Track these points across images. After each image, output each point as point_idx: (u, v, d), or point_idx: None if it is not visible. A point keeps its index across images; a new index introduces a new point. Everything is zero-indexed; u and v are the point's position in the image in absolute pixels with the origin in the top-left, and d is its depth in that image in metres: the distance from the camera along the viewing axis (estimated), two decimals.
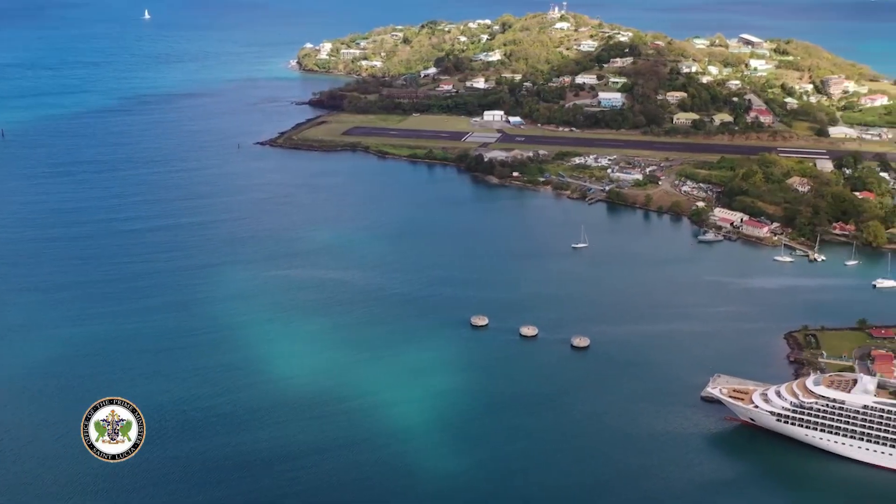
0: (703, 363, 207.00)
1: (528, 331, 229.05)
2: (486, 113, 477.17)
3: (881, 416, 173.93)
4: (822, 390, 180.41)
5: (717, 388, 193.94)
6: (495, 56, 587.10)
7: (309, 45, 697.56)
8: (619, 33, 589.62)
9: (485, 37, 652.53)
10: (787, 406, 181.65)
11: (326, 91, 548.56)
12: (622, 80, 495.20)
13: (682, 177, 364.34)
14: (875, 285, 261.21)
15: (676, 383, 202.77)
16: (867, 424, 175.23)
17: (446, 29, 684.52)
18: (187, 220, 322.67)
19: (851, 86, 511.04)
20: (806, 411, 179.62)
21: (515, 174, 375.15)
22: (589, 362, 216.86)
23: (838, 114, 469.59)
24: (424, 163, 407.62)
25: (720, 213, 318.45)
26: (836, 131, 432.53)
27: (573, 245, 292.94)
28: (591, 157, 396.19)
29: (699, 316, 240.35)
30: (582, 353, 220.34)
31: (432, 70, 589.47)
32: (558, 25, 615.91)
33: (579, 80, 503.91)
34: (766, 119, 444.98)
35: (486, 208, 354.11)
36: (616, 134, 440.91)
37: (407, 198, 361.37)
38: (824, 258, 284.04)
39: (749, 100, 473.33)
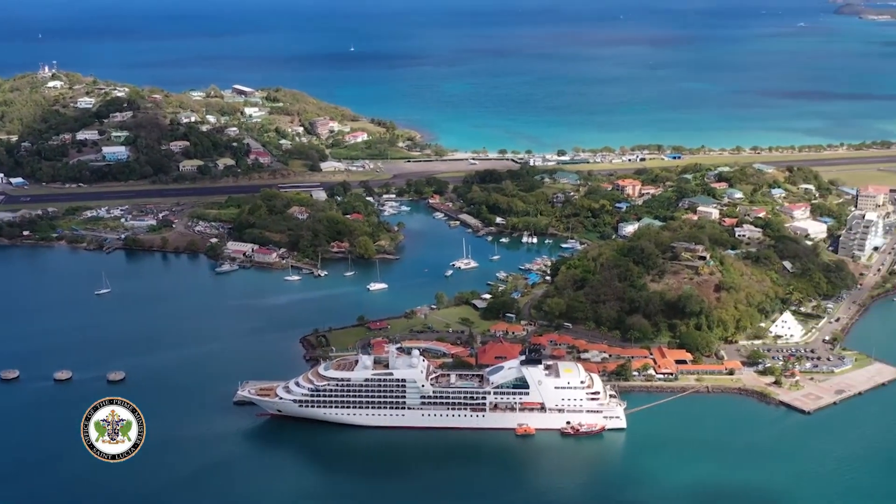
0: (233, 374, 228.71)
1: (63, 375, 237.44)
2: None
3: (379, 384, 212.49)
4: (331, 373, 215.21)
5: (247, 390, 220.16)
6: None
7: None
8: (115, 89, 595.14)
9: None
10: (306, 392, 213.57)
11: None
12: (124, 133, 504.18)
13: (194, 218, 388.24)
14: (369, 288, 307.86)
15: (210, 395, 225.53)
16: (369, 393, 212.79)
17: None
18: None
19: (336, 126, 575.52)
20: (321, 393, 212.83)
21: (26, 233, 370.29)
22: (130, 393, 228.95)
23: (327, 150, 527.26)
24: None
25: (233, 246, 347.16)
26: (327, 166, 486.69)
27: (96, 292, 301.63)
28: (104, 209, 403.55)
29: (225, 336, 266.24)
30: (119, 386, 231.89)
31: None
32: (51, 84, 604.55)
33: (80, 136, 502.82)
34: (265, 160, 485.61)
35: None
36: (125, 185, 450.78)
37: None
38: (326, 273, 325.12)
39: (248, 144, 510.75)
